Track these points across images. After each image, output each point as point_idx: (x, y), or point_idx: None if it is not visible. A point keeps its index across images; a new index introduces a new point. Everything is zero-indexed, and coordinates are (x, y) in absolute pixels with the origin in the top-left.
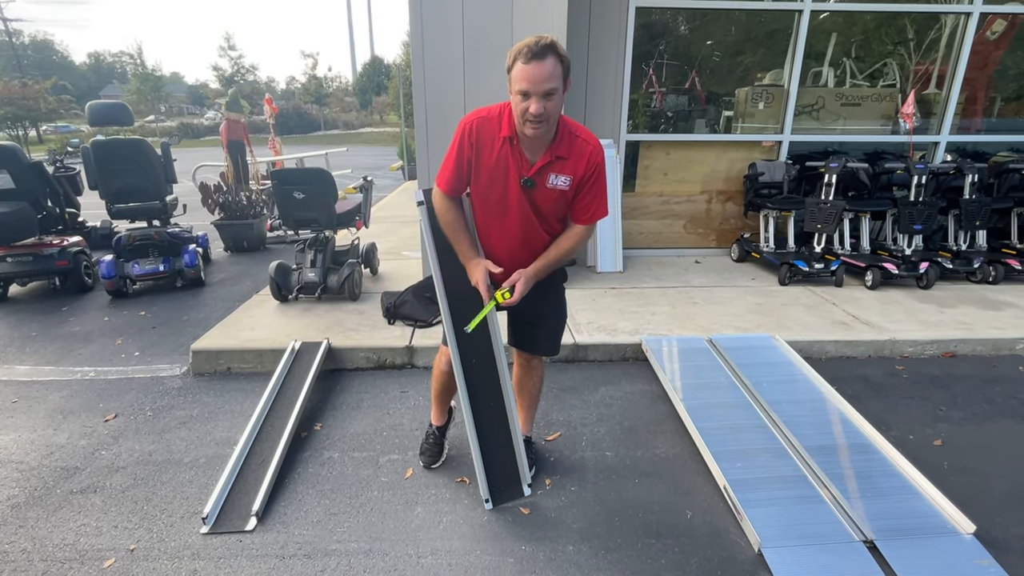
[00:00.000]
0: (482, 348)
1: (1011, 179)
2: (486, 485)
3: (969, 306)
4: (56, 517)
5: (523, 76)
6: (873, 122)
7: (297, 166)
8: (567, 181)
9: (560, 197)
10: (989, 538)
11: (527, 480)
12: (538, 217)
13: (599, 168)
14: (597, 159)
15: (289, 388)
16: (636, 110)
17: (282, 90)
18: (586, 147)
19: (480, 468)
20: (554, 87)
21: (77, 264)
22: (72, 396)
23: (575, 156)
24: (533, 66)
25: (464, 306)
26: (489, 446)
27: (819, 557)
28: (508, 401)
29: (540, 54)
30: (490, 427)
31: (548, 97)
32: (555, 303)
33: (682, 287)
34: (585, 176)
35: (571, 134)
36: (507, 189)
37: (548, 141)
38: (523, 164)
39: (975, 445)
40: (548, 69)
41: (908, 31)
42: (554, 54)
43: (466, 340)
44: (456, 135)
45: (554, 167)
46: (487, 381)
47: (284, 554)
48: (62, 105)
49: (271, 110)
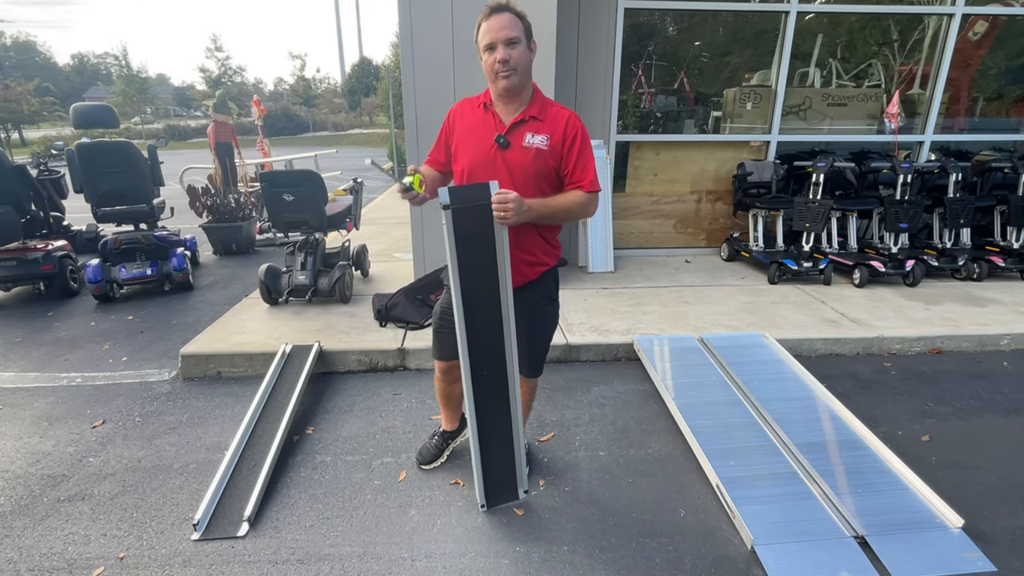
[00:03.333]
0: (494, 354)
1: (994, 177)
2: (483, 490)
3: (954, 303)
4: (43, 526)
5: (486, 30)
6: (859, 122)
7: (286, 168)
8: (544, 140)
9: (538, 157)
10: (977, 531)
11: (524, 486)
12: (518, 181)
13: (580, 133)
14: (576, 124)
15: (280, 392)
16: (626, 111)
17: (270, 92)
18: (562, 112)
19: (479, 474)
20: (516, 35)
21: (62, 268)
22: (59, 403)
23: (550, 120)
24: (493, 19)
25: (480, 316)
26: (489, 453)
27: (811, 553)
28: (515, 407)
29: (498, 9)
30: (493, 433)
31: (512, 45)
32: (539, 321)
33: (673, 286)
34: (565, 140)
35: (546, 101)
36: (482, 153)
37: (523, 103)
38: (498, 124)
39: (962, 440)
40: (507, 19)
41: (892, 32)
42: (511, 11)
43: (479, 348)
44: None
45: (529, 126)
46: (496, 388)
47: (277, 560)
48: (45, 107)
49: (259, 112)
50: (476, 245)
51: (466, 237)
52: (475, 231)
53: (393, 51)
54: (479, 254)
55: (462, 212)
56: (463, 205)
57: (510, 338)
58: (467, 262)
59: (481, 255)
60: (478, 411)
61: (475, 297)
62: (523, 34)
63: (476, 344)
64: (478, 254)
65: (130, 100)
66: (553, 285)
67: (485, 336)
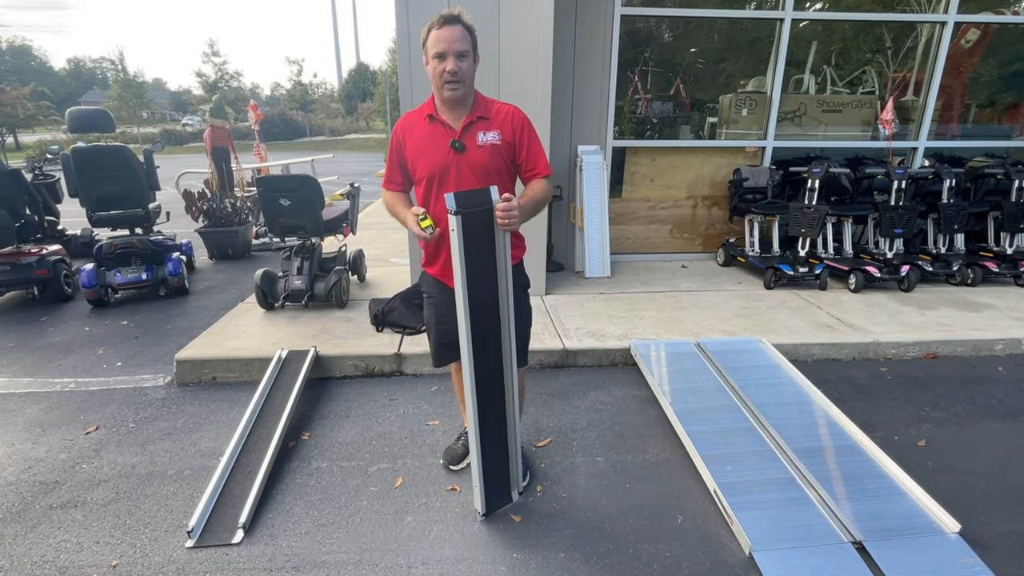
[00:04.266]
0: (492, 361)
1: (987, 183)
2: (483, 498)
3: (949, 308)
4: (35, 533)
5: (437, 39)
6: (853, 128)
7: (283, 173)
8: (496, 135)
9: (494, 153)
10: (974, 537)
11: (519, 487)
12: (480, 179)
13: (526, 124)
14: (520, 115)
15: (276, 397)
16: (622, 116)
17: (267, 96)
18: (505, 108)
19: (479, 482)
20: (466, 49)
21: (57, 273)
22: (51, 408)
23: (496, 117)
24: (446, 30)
25: (481, 318)
26: (489, 459)
27: (809, 559)
28: (512, 410)
29: (451, 20)
30: (492, 439)
31: (462, 58)
32: (522, 311)
33: (669, 291)
34: (515, 132)
35: (487, 100)
36: (439, 160)
37: (468, 108)
38: (449, 131)
39: (958, 445)
40: (459, 32)
41: (886, 40)
42: (462, 23)
43: (481, 350)
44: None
45: (478, 125)
46: (494, 392)
47: (272, 567)
48: (41, 111)
49: (256, 116)
50: (479, 249)
51: (471, 241)
52: (478, 235)
53: (390, 56)
54: (482, 258)
55: (468, 217)
56: (469, 210)
57: (509, 338)
58: (472, 266)
59: (483, 259)
60: (480, 416)
61: (478, 300)
62: (471, 47)
63: (479, 347)
64: (481, 258)
65: (126, 105)
66: (524, 273)
67: (487, 338)
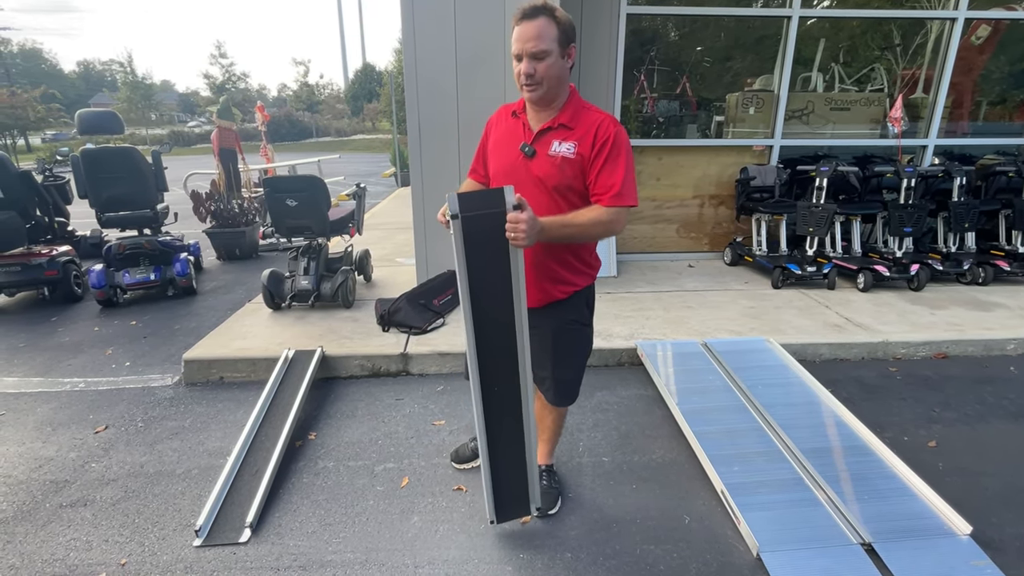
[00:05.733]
0: (505, 370)
1: (998, 181)
2: (492, 505)
3: (959, 307)
4: (45, 532)
5: (515, 37)
6: (862, 126)
7: (290, 173)
8: (571, 148)
9: (564, 166)
10: (985, 539)
11: (536, 503)
12: (544, 193)
13: (612, 139)
14: (609, 130)
15: (283, 397)
16: (628, 116)
17: (274, 97)
18: (596, 117)
19: (488, 489)
20: (545, 48)
21: (66, 274)
22: (61, 408)
23: (582, 127)
24: (523, 26)
25: (492, 330)
26: (499, 468)
27: (817, 560)
28: (527, 423)
29: (531, 14)
30: (503, 447)
31: (538, 59)
32: (564, 345)
33: (676, 291)
34: (594, 146)
35: (582, 107)
36: (510, 159)
37: (555, 111)
38: (526, 132)
39: (969, 446)
40: (537, 28)
41: (895, 37)
42: (547, 15)
43: (489, 362)
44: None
45: (556, 133)
46: (508, 403)
47: (279, 566)
48: (51, 114)
49: (263, 117)
50: (489, 255)
51: (477, 247)
52: (488, 240)
53: (396, 57)
54: (492, 265)
55: (472, 221)
56: (474, 213)
57: (524, 353)
58: (478, 275)
59: (494, 265)
60: (488, 425)
61: (486, 310)
62: (556, 43)
63: (486, 358)
64: (491, 265)
65: (135, 106)
66: (585, 309)
67: (496, 350)
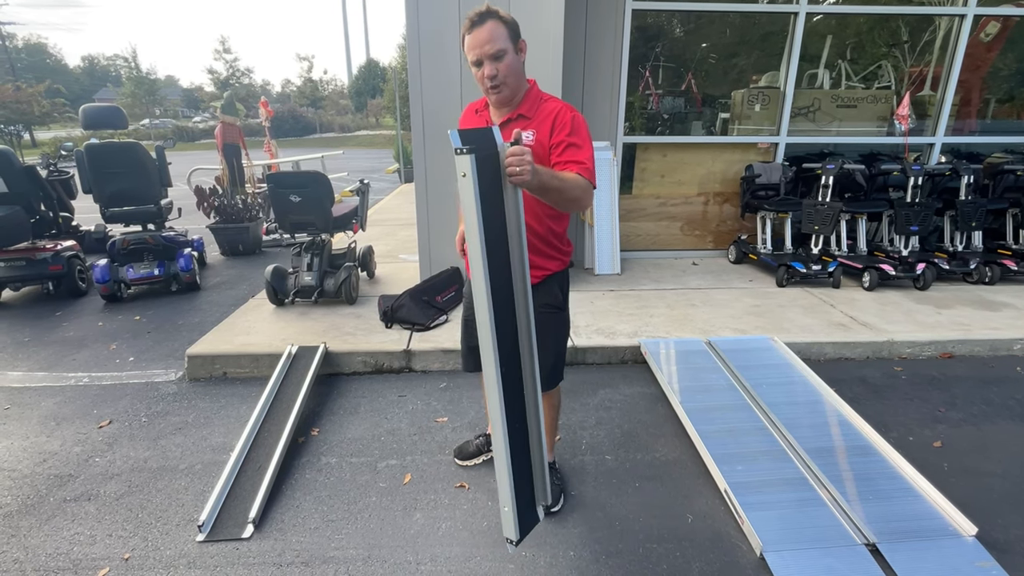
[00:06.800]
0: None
1: (1006, 180)
2: (516, 523)
3: (966, 307)
4: (49, 526)
5: (470, 46)
6: (868, 124)
7: (293, 169)
8: (530, 136)
9: None
10: (991, 539)
11: (545, 501)
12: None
13: (570, 123)
14: (566, 115)
15: (286, 393)
16: (633, 112)
17: (277, 93)
18: (553, 106)
19: (511, 502)
20: (501, 48)
21: (71, 268)
22: (65, 402)
23: (540, 116)
24: (475, 32)
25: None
26: (520, 477)
27: (821, 560)
28: (537, 415)
29: (479, 20)
30: (519, 454)
31: (498, 59)
32: (542, 333)
33: (680, 289)
34: (553, 132)
35: (540, 97)
36: None
37: (515, 105)
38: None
39: (974, 446)
40: (489, 31)
41: (902, 33)
42: (493, 18)
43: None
44: None
45: (516, 124)
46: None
47: (281, 562)
48: (55, 108)
49: (267, 113)
50: (492, 210)
51: (488, 193)
52: (489, 191)
53: (400, 53)
54: (494, 221)
55: (483, 161)
56: (481, 152)
57: (530, 340)
58: (490, 225)
59: (495, 222)
60: (509, 426)
61: (499, 269)
62: (509, 41)
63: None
64: (493, 221)
65: (139, 101)
66: (559, 293)
67: (507, 331)
